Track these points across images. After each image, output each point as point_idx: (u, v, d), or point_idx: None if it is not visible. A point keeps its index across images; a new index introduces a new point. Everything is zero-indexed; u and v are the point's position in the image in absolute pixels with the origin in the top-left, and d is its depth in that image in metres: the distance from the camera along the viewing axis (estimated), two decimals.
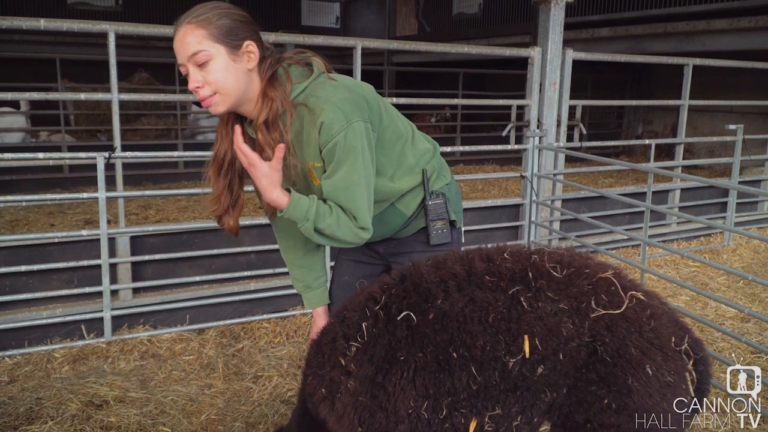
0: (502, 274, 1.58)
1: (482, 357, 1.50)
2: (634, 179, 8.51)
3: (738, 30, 7.47)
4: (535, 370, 1.50)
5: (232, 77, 1.65)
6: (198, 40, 1.62)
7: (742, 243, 5.72)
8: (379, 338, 1.58)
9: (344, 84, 1.74)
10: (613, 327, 1.49)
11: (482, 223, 4.89)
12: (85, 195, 3.68)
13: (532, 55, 4.84)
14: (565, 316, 1.51)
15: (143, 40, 11.75)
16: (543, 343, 1.49)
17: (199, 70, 1.65)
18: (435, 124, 11.73)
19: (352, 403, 1.58)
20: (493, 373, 1.50)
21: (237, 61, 1.66)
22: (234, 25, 1.65)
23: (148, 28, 3.59)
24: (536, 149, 4.83)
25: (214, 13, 1.64)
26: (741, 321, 4.03)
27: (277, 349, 3.59)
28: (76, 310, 3.57)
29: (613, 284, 1.55)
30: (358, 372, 1.58)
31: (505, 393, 1.51)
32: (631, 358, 1.47)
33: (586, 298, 1.53)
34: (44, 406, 2.87)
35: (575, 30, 9.12)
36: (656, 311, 1.54)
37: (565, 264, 1.59)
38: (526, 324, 1.51)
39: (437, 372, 1.52)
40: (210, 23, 1.62)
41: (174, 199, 6.92)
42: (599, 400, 1.48)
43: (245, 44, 1.67)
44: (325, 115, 1.65)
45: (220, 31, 1.63)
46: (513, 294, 1.54)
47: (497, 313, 1.52)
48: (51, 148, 8.24)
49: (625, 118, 12.26)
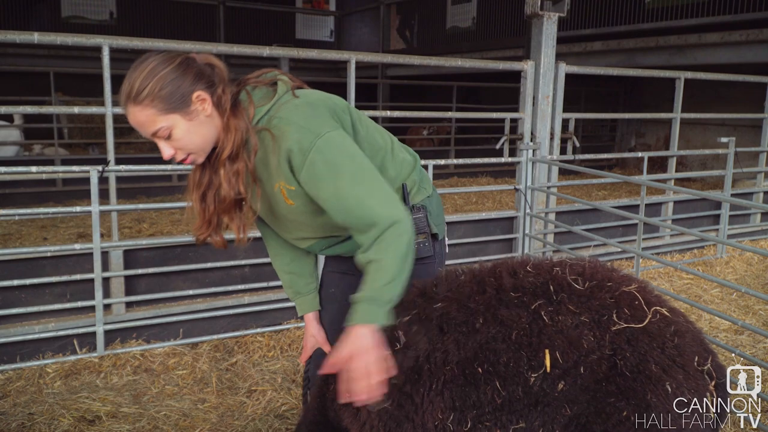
0: (525, 289, 1.58)
1: (506, 372, 1.50)
2: (627, 192, 8.55)
3: (729, 43, 7.54)
4: (556, 385, 1.49)
5: (195, 135, 1.65)
6: (151, 120, 1.60)
7: (735, 255, 5.74)
8: (409, 350, 1.57)
9: (307, 101, 1.70)
10: (635, 341, 1.48)
11: (476, 235, 4.89)
12: (79, 208, 3.66)
13: (525, 69, 4.87)
14: (585, 329, 1.50)
15: (137, 54, 11.70)
16: (564, 356, 1.49)
17: (166, 141, 1.64)
18: (428, 137, 11.77)
19: (377, 411, 1.56)
20: (516, 388, 1.50)
21: (193, 117, 1.63)
22: (174, 87, 1.60)
23: (143, 41, 3.60)
24: (530, 162, 4.85)
25: (152, 85, 1.58)
26: (735, 333, 4.04)
27: (272, 363, 3.57)
28: (69, 324, 3.55)
29: (637, 298, 1.54)
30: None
31: (528, 407, 1.50)
32: (651, 374, 1.46)
33: (607, 312, 1.52)
34: (36, 421, 2.84)
35: (568, 44, 9.19)
36: (681, 328, 1.53)
37: (587, 276, 1.58)
38: (547, 338, 1.50)
39: (464, 385, 1.51)
40: (153, 98, 1.58)
41: (167, 213, 6.89)
42: (618, 412, 1.47)
43: (193, 97, 1.62)
44: (290, 139, 1.60)
45: (166, 102, 1.59)
46: (535, 308, 1.54)
47: (520, 330, 1.52)
48: (44, 161, 8.23)
49: (618, 131, 12.34)
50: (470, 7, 12.32)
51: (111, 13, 13.50)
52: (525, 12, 4.92)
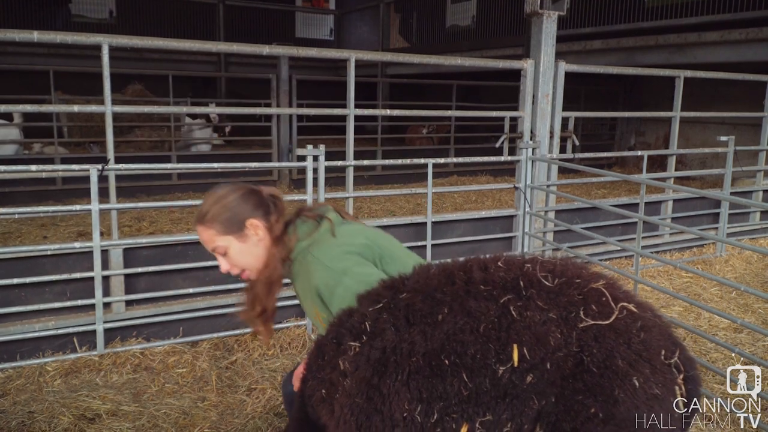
0: (495, 283, 1.59)
1: (473, 364, 1.51)
2: (626, 190, 8.55)
3: (729, 42, 7.54)
4: (524, 378, 1.50)
5: (248, 256, 1.97)
6: (211, 239, 1.95)
7: (734, 254, 5.74)
8: (375, 341, 1.59)
9: (341, 242, 1.95)
10: (601, 338, 1.49)
11: (476, 234, 4.89)
12: (78, 207, 3.67)
13: (525, 67, 4.87)
14: (553, 325, 1.51)
15: (137, 52, 11.77)
16: (531, 352, 1.50)
17: (223, 257, 1.98)
18: (427, 135, 11.77)
19: (348, 405, 1.58)
20: (483, 380, 1.51)
21: (246, 240, 1.95)
22: (233, 214, 1.92)
23: (142, 40, 3.59)
24: (529, 160, 4.85)
25: (215, 210, 1.92)
26: (734, 331, 4.04)
27: (271, 362, 3.58)
28: (69, 322, 3.55)
29: (604, 295, 1.55)
30: (354, 373, 1.58)
31: (495, 400, 1.51)
32: (618, 369, 1.47)
33: (575, 308, 1.53)
34: (36, 419, 2.85)
35: (567, 42, 9.19)
36: (647, 323, 1.54)
37: (557, 273, 1.59)
38: (515, 333, 1.51)
39: (430, 377, 1.53)
40: (215, 221, 1.92)
41: (167, 211, 6.90)
42: (586, 409, 1.47)
43: (247, 224, 1.93)
44: (318, 278, 1.88)
45: (224, 225, 1.92)
46: (504, 303, 1.55)
47: (488, 323, 1.53)
48: (44, 160, 8.22)
49: (618, 130, 12.33)
50: (470, 5, 12.31)
51: (110, 11, 13.51)
52: (525, 10, 4.92)
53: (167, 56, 12.37)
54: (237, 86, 13.04)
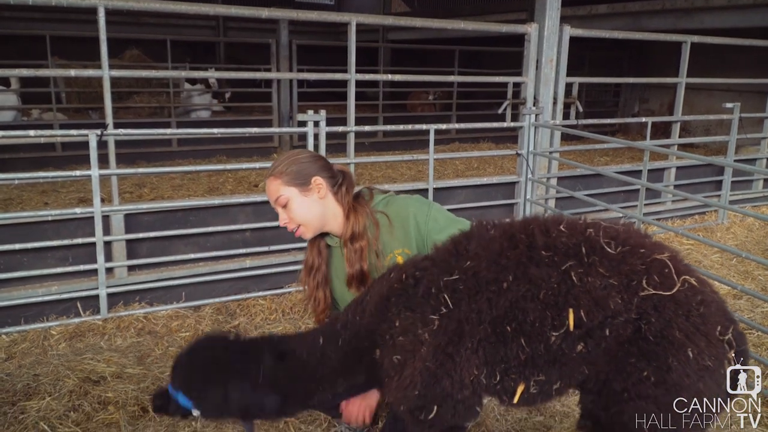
0: (557, 249, 1.61)
1: (531, 331, 1.57)
2: (629, 157, 8.51)
3: (737, 7, 7.42)
4: (575, 346, 1.55)
5: (307, 210, 2.12)
6: (276, 189, 2.11)
7: (736, 221, 5.74)
8: (453, 312, 1.64)
9: (407, 196, 2.26)
10: (661, 308, 1.52)
11: (477, 200, 4.88)
12: (78, 173, 3.65)
13: (529, 32, 4.80)
14: (614, 291, 1.53)
15: (134, 16, 11.59)
16: (589, 315, 1.53)
17: (283, 210, 2.12)
18: (432, 102, 11.66)
19: (420, 369, 1.65)
20: (539, 345, 1.57)
21: (309, 195, 2.12)
22: (301, 168, 2.11)
23: (138, 2, 3.53)
24: (532, 127, 4.81)
25: (285, 164, 2.11)
26: (734, 298, 4.06)
27: (273, 326, 3.60)
28: (72, 287, 3.57)
29: (667, 266, 1.56)
30: (431, 342, 1.64)
31: (548, 364, 1.59)
32: (674, 339, 1.50)
33: (637, 277, 1.54)
34: (42, 382, 2.88)
35: (572, 6, 9.03)
36: (707, 298, 1.56)
37: (621, 241, 1.60)
38: (573, 297, 1.55)
39: (495, 343, 1.60)
40: (282, 173, 2.10)
41: (168, 177, 6.88)
42: (638, 371, 1.52)
43: (312, 180, 2.11)
44: (411, 207, 2.16)
45: (290, 177, 2.10)
46: (565, 269, 1.57)
47: (548, 289, 1.57)
48: (43, 126, 8.17)
49: (622, 96, 12.21)
50: None
51: None
52: None
53: (165, 20, 12.18)
54: (236, 52, 12.87)
